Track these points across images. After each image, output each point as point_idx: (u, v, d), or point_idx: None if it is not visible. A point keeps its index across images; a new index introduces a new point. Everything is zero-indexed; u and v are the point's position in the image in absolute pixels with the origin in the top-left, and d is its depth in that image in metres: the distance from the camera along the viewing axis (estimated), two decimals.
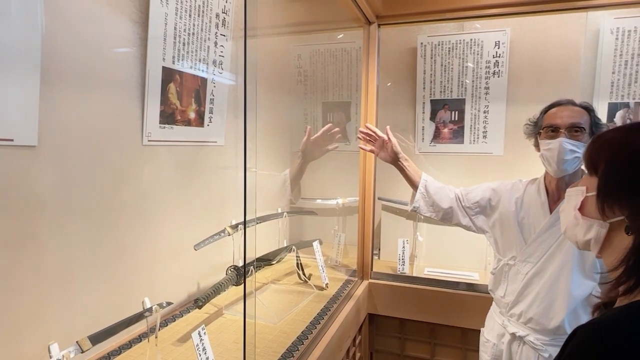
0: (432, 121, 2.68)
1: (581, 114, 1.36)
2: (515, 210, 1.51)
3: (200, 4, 1.72)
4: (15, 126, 1.10)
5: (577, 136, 1.34)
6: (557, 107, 1.41)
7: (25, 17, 1.09)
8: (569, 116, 1.36)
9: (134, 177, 1.55)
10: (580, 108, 1.38)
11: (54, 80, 1.20)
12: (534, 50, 2.40)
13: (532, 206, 1.48)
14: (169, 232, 1.72)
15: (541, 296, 1.39)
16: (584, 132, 1.35)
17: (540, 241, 1.42)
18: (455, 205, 1.66)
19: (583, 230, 0.80)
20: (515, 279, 1.47)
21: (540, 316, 1.38)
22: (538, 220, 1.44)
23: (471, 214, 1.66)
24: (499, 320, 1.53)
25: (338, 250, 2.53)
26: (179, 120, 1.71)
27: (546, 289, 1.39)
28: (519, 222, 1.49)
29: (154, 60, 1.54)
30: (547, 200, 1.44)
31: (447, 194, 1.68)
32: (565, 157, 1.33)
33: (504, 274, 1.51)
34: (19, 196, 1.14)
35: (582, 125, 1.34)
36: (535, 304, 1.40)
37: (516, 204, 1.52)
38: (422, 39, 2.62)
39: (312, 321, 1.71)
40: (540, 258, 1.41)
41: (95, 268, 1.40)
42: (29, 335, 1.18)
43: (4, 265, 1.11)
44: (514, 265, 1.48)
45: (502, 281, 1.51)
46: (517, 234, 1.48)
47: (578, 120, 1.34)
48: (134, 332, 1.50)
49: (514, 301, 1.45)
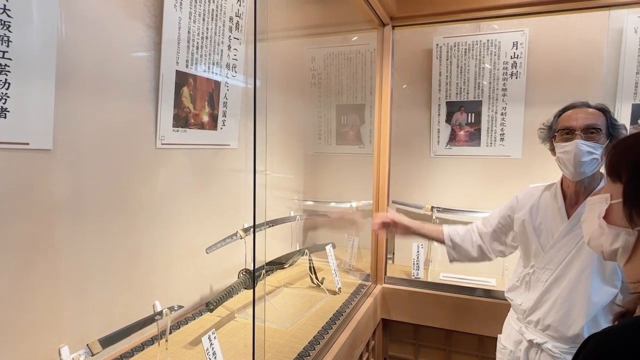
0: (448, 123, 2.64)
1: (596, 116, 1.33)
2: (531, 218, 1.47)
3: (214, 8, 1.73)
4: (31, 130, 1.12)
5: (593, 137, 1.30)
6: (572, 110, 1.37)
7: (42, 23, 1.11)
8: (584, 118, 1.32)
9: (148, 180, 1.56)
10: (595, 110, 1.34)
11: (69, 84, 1.22)
12: (554, 50, 2.33)
13: (548, 212, 1.44)
14: (182, 235, 1.73)
15: (559, 302, 1.35)
16: (600, 133, 1.31)
17: (558, 247, 1.38)
18: (482, 243, 1.63)
19: (610, 240, 0.76)
20: (535, 286, 1.43)
21: (558, 323, 1.34)
22: (555, 226, 1.40)
23: (497, 238, 1.62)
24: (516, 326, 1.49)
25: (351, 254, 2.50)
26: (193, 124, 1.72)
27: (565, 295, 1.34)
28: (535, 229, 1.45)
29: (168, 64, 1.56)
30: (564, 205, 1.40)
31: (471, 237, 1.65)
32: (582, 159, 1.29)
33: (525, 283, 1.47)
34: (35, 199, 1.16)
35: (598, 126, 1.30)
36: (553, 311, 1.36)
37: (531, 211, 1.48)
38: (438, 40, 2.58)
39: (324, 326, 1.70)
40: (559, 264, 1.37)
41: (109, 270, 1.41)
42: (43, 336, 1.20)
43: (20, 266, 1.13)
44: (534, 273, 1.44)
45: (524, 290, 1.47)
46: (535, 241, 1.45)
47: (593, 122, 1.31)
48: (146, 335, 1.50)
49: (532, 307, 1.41)
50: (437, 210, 2.50)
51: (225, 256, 1.84)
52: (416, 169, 2.72)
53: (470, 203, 2.54)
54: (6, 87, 1.04)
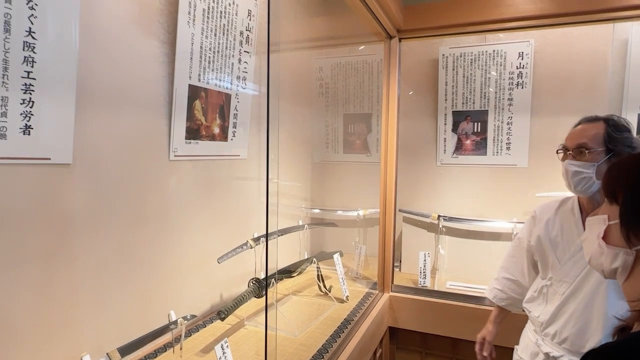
0: (454, 132, 2.66)
1: (591, 131, 1.32)
2: (547, 231, 1.47)
3: (225, 23, 1.78)
4: (52, 146, 1.17)
5: (581, 157, 1.31)
6: (574, 127, 1.39)
7: (64, 43, 1.16)
8: (577, 136, 1.34)
9: (161, 191, 1.60)
10: (595, 124, 1.34)
11: (87, 100, 1.27)
12: (559, 61, 2.36)
13: (565, 225, 1.44)
14: (194, 244, 1.77)
15: (576, 316, 1.34)
16: (592, 151, 1.30)
17: (574, 260, 1.37)
18: (522, 281, 1.63)
19: (609, 259, 0.79)
20: (553, 299, 1.42)
21: (575, 337, 1.33)
22: (572, 239, 1.40)
23: (534, 263, 1.61)
24: (533, 338, 1.49)
25: (359, 262, 2.53)
26: (204, 136, 1.77)
27: (581, 309, 1.33)
28: (551, 242, 1.44)
29: (181, 78, 1.60)
30: (580, 218, 1.40)
31: (512, 288, 1.66)
32: (572, 178, 1.32)
33: (542, 295, 1.47)
34: (54, 212, 1.21)
35: (587, 145, 1.31)
36: (570, 324, 1.35)
37: (547, 224, 1.48)
38: (444, 50, 2.61)
39: (332, 334, 1.72)
40: (575, 277, 1.36)
41: (125, 279, 1.45)
42: (62, 344, 1.24)
43: (40, 276, 1.18)
44: (551, 285, 1.43)
45: (541, 301, 1.47)
46: (551, 253, 1.44)
47: (583, 140, 1.32)
48: (159, 342, 1.54)
49: (549, 320, 1.40)
50: (443, 219, 2.52)
51: (235, 265, 1.88)
52: (423, 178, 2.74)
53: (477, 212, 2.56)
54: (30, 106, 1.09)
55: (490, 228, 2.47)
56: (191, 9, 1.59)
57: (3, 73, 1.02)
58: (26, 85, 1.07)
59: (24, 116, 1.08)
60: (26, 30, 1.06)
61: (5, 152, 1.06)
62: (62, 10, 1.14)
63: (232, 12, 1.81)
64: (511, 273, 1.66)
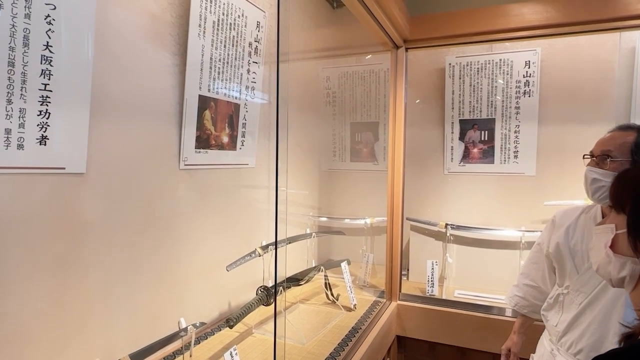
0: (462, 141, 2.67)
1: (619, 140, 1.29)
2: (567, 238, 1.44)
3: (235, 35, 1.81)
4: (67, 155, 1.20)
5: (603, 164, 1.29)
6: (606, 134, 1.35)
7: (79, 56, 1.19)
8: (604, 143, 1.31)
9: (171, 200, 1.63)
10: (626, 132, 1.30)
11: (101, 110, 1.30)
12: (566, 69, 2.36)
13: (586, 233, 1.41)
14: (204, 252, 1.79)
15: (593, 327, 1.32)
16: (615, 160, 1.28)
17: (593, 270, 1.36)
18: (544, 288, 1.60)
19: (617, 268, 0.79)
20: (569, 308, 1.40)
21: (591, 349, 1.31)
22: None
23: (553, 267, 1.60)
24: (548, 347, 1.47)
25: (366, 271, 2.53)
26: (213, 145, 1.80)
27: (598, 321, 1.31)
28: (570, 250, 1.42)
29: (191, 89, 1.63)
30: None
31: (534, 295, 1.63)
32: (590, 186, 1.30)
33: (559, 303, 1.45)
34: (68, 220, 1.23)
35: (610, 154, 1.28)
36: (586, 335, 1.33)
37: (567, 231, 1.45)
38: (450, 59, 2.63)
39: (340, 343, 1.72)
40: (594, 288, 1.34)
41: (135, 286, 1.47)
42: (74, 350, 1.26)
43: (53, 284, 1.20)
44: (568, 294, 1.41)
45: (557, 310, 1.45)
46: (569, 261, 1.42)
47: (608, 148, 1.29)
48: (168, 350, 1.55)
49: (565, 330, 1.38)
50: (451, 227, 2.51)
51: (243, 273, 1.89)
52: (430, 186, 2.75)
53: (485, 220, 2.55)
54: (47, 117, 1.12)
55: (498, 236, 2.46)
56: (202, 22, 1.63)
57: (22, 85, 1.06)
58: (43, 97, 1.11)
59: (41, 127, 1.11)
60: (44, 44, 1.10)
61: (23, 162, 1.09)
62: (78, 25, 1.18)
63: (242, 24, 1.85)
64: (532, 279, 1.63)
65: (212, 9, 1.66)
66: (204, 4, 1.62)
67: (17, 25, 1.04)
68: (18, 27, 1.04)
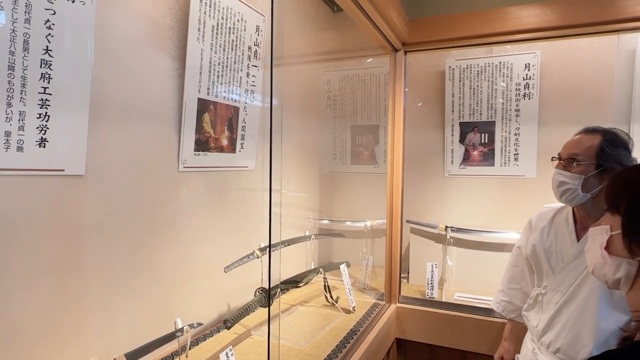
0: (462, 143, 2.67)
1: (585, 143, 1.33)
2: (542, 240, 1.50)
3: (234, 39, 1.83)
4: (66, 157, 1.22)
5: (570, 168, 1.33)
6: (574, 137, 1.41)
7: (78, 60, 1.21)
8: (571, 146, 1.36)
9: (170, 202, 1.65)
10: (593, 135, 1.34)
11: (100, 113, 1.32)
12: (566, 72, 2.36)
13: (559, 234, 1.46)
14: (202, 254, 1.80)
15: (569, 326, 1.36)
16: (581, 163, 1.31)
17: (568, 270, 1.39)
18: (527, 290, 1.64)
19: (612, 269, 0.79)
20: (547, 307, 1.44)
21: (568, 347, 1.35)
22: (565, 248, 1.42)
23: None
24: (530, 346, 1.50)
25: (366, 273, 2.53)
26: (213, 147, 1.81)
27: (574, 319, 1.35)
28: (545, 251, 1.47)
29: (190, 92, 1.65)
30: (574, 228, 1.42)
31: (518, 297, 1.67)
32: (557, 188, 1.35)
33: (538, 303, 1.49)
34: (67, 221, 1.25)
35: (577, 157, 1.32)
36: (563, 334, 1.37)
37: (542, 233, 1.51)
38: (450, 62, 2.64)
39: (338, 345, 1.73)
40: (569, 287, 1.39)
41: (133, 287, 1.49)
42: (72, 349, 1.27)
43: (52, 284, 1.22)
44: (546, 294, 1.45)
45: (537, 310, 1.48)
46: (545, 262, 1.47)
47: (575, 151, 1.33)
48: (166, 351, 1.56)
49: (544, 329, 1.43)
50: (451, 229, 2.51)
51: (243, 275, 1.90)
52: (431, 189, 2.75)
53: (485, 222, 2.55)
54: (46, 120, 1.14)
55: (498, 239, 2.45)
56: (201, 26, 1.65)
57: (22, 89, 1.08)
58: (42, 100, 1.13)
59: (40, 130, 1.13)
60: (43, 49, 1.12)
61: (22, 164, 1.11)
62: (78, 29, 1.20)
63: (241, 27, 1.87)
64: (517, 282, 1.67)
65: (211, 13, 1.69)
66: (203, 9, 1.65)
67: (17, 30, 1.06)
68: (18, 32, 1.06)
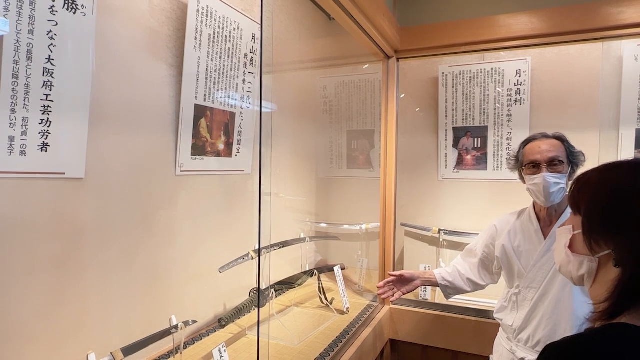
0: (455, 148, 2.72)
1: (557, 146, 1.44)
2: (510, 241, 1.57)
3: (230, 47, 1.90)
4: (67, 161, 1.27)
5: (557, 169, 1.42)
6: (533, 142, 1.49)
7: (79, 68, 1.27)
8: (547, 151, 1.43)
9: (167, 205, 1.70)
10: (554, 140, 1.46)
11: (99, 118, 1.38)
12: (556, 78, 2.42)
13: (525, 234, 1.54)
14: (199, 256, 1.86)
15: (546, 319, 1.42)
16: (563, 163, 1.42)
17: (539, 267, 1.46)
18: (471, 276, 1.74)
19: (576, 267, 0.84)
20: (523, 305, 1.50)
21: (547, 338, 1.40)
22: (534, 246, 1.50)
23: (485, 266, 1.72)
24: (507, 346, 1.54)
25: (361, 275, 2.58)
26: (209, 152, 1.87)
27: (550, 312, 1.42)
28: (515, 252, 1.55)
29: (187, 99, 1.71)
30: (539, 227, 1.49)
31: (459, 273, 1.76)
32: (550, 190, 1.41)
33: (512, 303, 1.54)
34: (67, 222, 1.31)
35: (560, 158, 1.42)
36: (541, 327, 1.43)
37: (509, 235, 1.58)
38: (443, 69, 2.70)
39: (330, 344, 1.77)
40: (542, 282, 1.46)
41: (131, 288, 1.54)
42: (71, 345, 1.32)
43: (52, 283, 1.27)
44: (519, 293, 1.51)
45: (512, 310, 1.54)
46: (517, 263, 1.54)
47: (556, 154, 1.42)
48: (163, 349, 1.61)
49: (522, 326, 1.48)
50: (444, 232, 2.56)
51: (239, 276, 1.95)
52: (425, 192, 2.79)
53: (478, 225, 2.59)
54: (48, 125, 1.20)
55: None
56: (198, 35, 1.71)
57: (25, 96, 1.14)
58: (44, 106, 1.19)
59: (42, 134, 1.19)
60: (46, 58, 1.18)
61: (25, 168, 1.16)
62: (79, 39, 1.26)
63: (237, 36, 1.93)
64: (464, 268, 1.76)
65: (208, 22, 1.75)
66: (200, 18, 1.71)
67: (21, 41, 1.12)
68: (22, 42, 1.12)
